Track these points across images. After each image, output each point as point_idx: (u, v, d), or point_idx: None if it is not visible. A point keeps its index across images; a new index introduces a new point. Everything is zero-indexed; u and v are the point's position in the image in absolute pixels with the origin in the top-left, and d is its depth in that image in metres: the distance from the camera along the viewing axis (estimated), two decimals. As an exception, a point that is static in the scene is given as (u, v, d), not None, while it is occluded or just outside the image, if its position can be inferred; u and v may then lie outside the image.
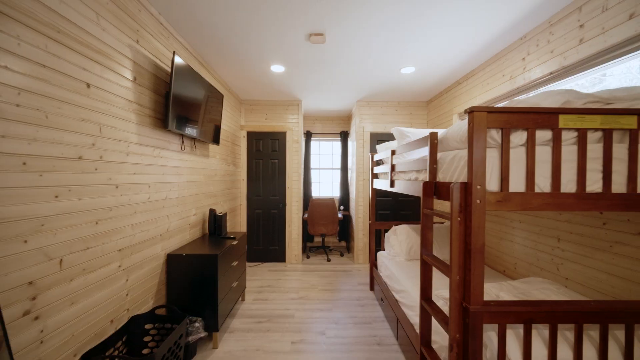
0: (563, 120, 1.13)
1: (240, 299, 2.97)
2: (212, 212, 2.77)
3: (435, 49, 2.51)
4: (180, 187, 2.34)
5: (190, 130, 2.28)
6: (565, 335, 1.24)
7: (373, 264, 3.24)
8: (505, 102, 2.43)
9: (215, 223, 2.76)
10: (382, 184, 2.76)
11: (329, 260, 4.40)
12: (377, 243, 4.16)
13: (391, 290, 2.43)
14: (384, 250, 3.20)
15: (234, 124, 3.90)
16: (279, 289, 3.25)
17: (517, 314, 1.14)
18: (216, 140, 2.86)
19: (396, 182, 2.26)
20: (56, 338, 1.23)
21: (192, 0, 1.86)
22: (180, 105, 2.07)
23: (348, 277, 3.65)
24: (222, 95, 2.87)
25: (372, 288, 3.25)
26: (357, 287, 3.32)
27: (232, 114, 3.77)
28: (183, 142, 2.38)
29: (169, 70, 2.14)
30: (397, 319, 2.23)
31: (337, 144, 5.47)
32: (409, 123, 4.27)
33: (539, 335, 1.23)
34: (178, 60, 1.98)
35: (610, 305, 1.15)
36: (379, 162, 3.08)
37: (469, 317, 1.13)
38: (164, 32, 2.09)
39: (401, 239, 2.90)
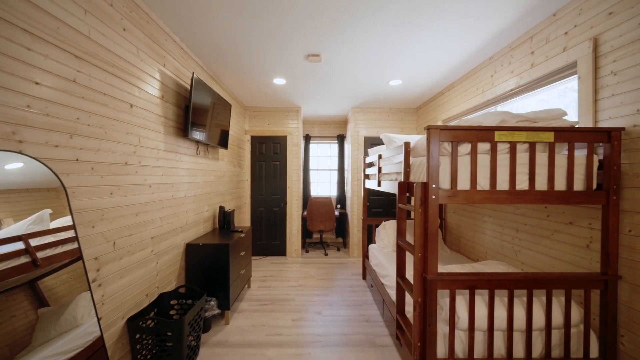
0: (498, 136, 1.50)
1: (247, 286, 3.33)
2: (221, 209, 3.13)
3: (419, 65, 2.88)
4: (196, 186, 2.71)
5: (204, 137, 2.64)
6: (503, 300, 1.61)
7: (365, 255, 3.60)
8: (477, 114, 2.80)
9: (225, 218, 3.12)
10: (372, 184, 3.13)
11: (326, 254, 4.77)
12: (369, 238, 4.52)
13: (379, 276, 2.80)
14: (375, 243, 3.57)
15: (239, 129, 4.27)
16: (281, 278, 3.62)
17: (463, 281, 1.51)
18: (225, 144, 3.22)
19: (382, 182, 2.62)
20: (111, 302, 1.60)
21: (207, 28, 2.22)
22: (196, 117, 2.44)
23: (343, 269, 4.02)
24: (230, 105, 3.23)
25: (364, 277, 3.62)
26: (351, 277, 3.69)
27: (237, 120, 4.13)
28: (198, 147, 2.75)
29: (188, 87, 2.51)
30: (383, 301, 2.60)
31: (334, 147, 5.84)
32: (399, 128, 4.64)
33: (482, 300, 1.60)
34: (196, 78, 2.34)
35: (533, 275, 1.52)
36: (370, 165, 3.44)
37: (427, 284, 1.50)
38: (184, 55, 2.46)
39: (389, 233, 3.27)
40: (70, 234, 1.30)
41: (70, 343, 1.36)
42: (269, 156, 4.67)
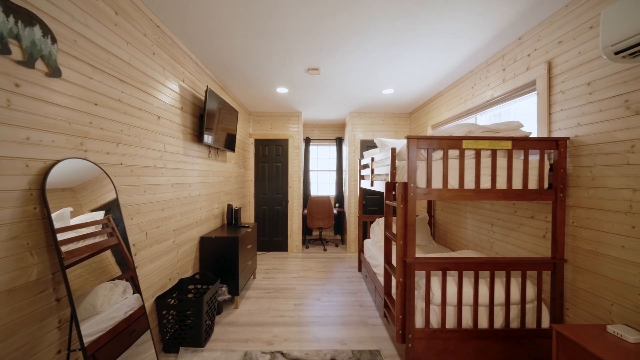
0: (465, 144, 1.82)
1: (252, 277, 3.65)
2: (229, 206, 3.45)
3: (408, 76, 3.19)
4: (208, 186, 3.02)
5: (215, 142, 2.95)
6: (470, 280, 1.92)
7: (361, 249, 3.92)
8: (450, 125, 3.11)
9: (233, 215, 3.44)
10: (366, 184, 3.44)
11: (325, 250, 5.09)
12: (365, 234, 4.84)
13: (371, 266, 3.11)
14: (369, 238, 3.89)
15: (244, 133, 4.59)
16: (283, 271, 3.93)
17: (436, 264, 1.82)
18: (232, 148, 3.53)
19: (375, 183, 2.94)
20: (144, 282, 1.91)
21: (221, 47, 2.54)
22: (209, 124, 2.75)
23: (341, 262, 4.34)
24: (237, 112, 3.54)
25: (359, 269, 3.94)
26: (348, 269, 4.00)
27: (243, 125, 4.45)
28: (210, 151, 3.06)
29: (202, 97, 2.83)
30: (375, 288, 2.91)
31: (333, 149, 6.16)
32: (394, 131, 4.95)
33: (453, 280, 1.92)
34: (209, 91, 2.65)
35: (494, 259, 1.84)
36: (365, 166, 3.76)
37: (406, 266, 1.82)
38: (198, 70, 2.78)
39: (382, 228, 3.58)
40: (91, 229, 1.48)
41: (92, 328, 1.50)
42: (271, 158, 4.98)
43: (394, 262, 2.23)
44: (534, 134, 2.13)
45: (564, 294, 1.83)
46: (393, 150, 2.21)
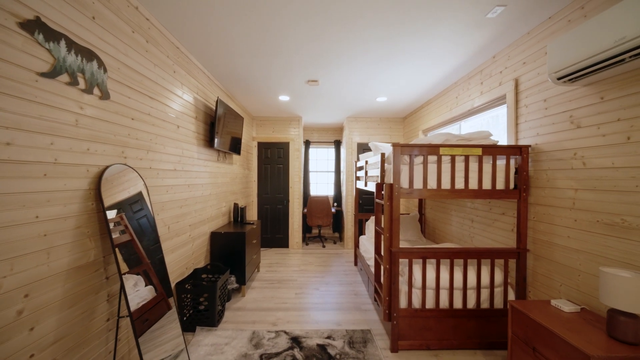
0: (442, 151, 2.13)
1: (257, 270, 3.95)
2: (236, 205, 3.76)
3: (399, 86, 3.50)
4: (217, 186, 3.33)
5: (223, 146, 3.26)
6: (447, 267, 2.23)
7: (356, 245, 4.23)
8: (430, 133, 3.42)
9: (239, 213, 3.75)
10: (361, 184, 3.75)
11: (324, 246, 5.39)
12: (360, 230, 5.14)
13: (365, 259, 3.42)
14: (364, 234, 4.19)
15: (248, 136, 4.89)
16: (285, 265, 4.24)
17: (417, 253, 2.14)
18: (238, 151, 3.84)
19: (368, 183, 3.25)
20: (168, 269, 2.22)
21: (231, 63, 2.85)
22: (218, 130, 3.06)
23: (338, 258, 4.65)
24: (243, 118, 3.85)
25: (355, 264, 4.25)
26: (345, 264, 4.31)
27: (247, 129, 4.76)
28: (219, 154, 3.37)
29: (212, 107, 3.14)
30: (368, 279, 3.22)
31: (331, 151, 6.47)
32: (389, 135, 5.27)
33: (432, 267, 2.23)
34: (219, 101, 2.96)
35: (467, 249, 2.15)
36: (360, 168, 4.06)
37: (392, 255, 2.13)
38: (209, 82, 3.09)
39: (376, 225, 3.89)
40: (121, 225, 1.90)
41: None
42: (273, 160, 5.30)
43: (382, 253, 2.53)
44: (505, 141, 2.44)
45: (526, 279, 2.14)
46: (382, 155, 2.52)
